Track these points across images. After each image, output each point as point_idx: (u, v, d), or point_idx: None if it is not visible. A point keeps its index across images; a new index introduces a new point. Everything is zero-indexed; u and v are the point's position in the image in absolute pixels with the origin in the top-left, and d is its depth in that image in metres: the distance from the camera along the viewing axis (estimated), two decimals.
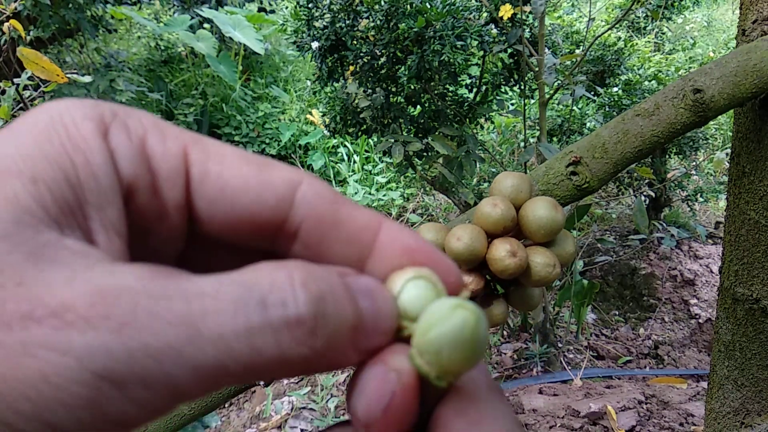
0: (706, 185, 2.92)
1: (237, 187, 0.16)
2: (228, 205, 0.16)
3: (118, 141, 0.15)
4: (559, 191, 0.53)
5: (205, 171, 0.16)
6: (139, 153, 0.15)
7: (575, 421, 1.59)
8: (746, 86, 0.56)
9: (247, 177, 0.16)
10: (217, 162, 0.16)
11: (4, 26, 1.21)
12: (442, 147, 1.84)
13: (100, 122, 0.15)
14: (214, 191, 0.16)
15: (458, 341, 0.14)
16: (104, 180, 0.15)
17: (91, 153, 0.15)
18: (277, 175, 0.16)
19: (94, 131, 0.15)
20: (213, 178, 0.16)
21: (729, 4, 6.13)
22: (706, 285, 2.73)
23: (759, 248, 0.72)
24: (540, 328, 2.21)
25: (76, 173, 0.14)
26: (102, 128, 0.15)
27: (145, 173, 0.16)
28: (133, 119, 0.16)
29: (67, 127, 0.15)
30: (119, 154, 0.15)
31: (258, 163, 0.16)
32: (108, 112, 0.16)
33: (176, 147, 0.16)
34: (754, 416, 0.79)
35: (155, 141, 0.16)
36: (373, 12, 1.71)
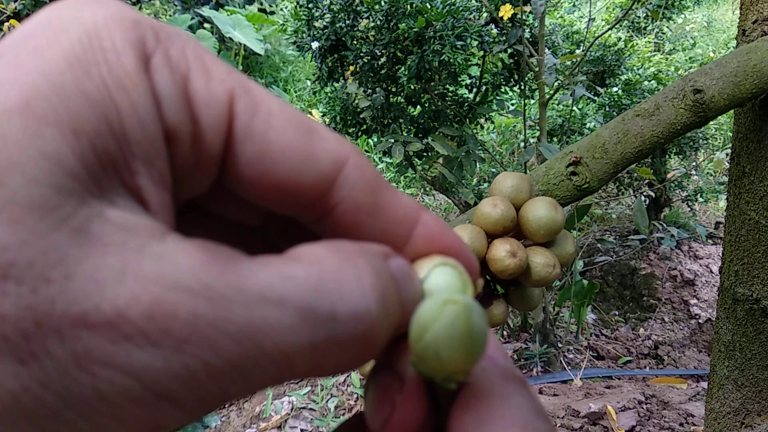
0: (706, 185, 2.92)
1: (279, 154, 0.14)
2: (266, 169, 0.14)
3: (161, 78, 0.13)
4: (559, 191, 0.53)
5: (249, 127, 0.14)
6: (182, 96, 0.13)
7: (575, 421, 1.59)
8: (746, 86, 0.56)
9: (292, 145, 0.14)
10: (264, 120, 0.14)
11: (5, 26, 1.21)
12: (442, 147, 1.84)
13: (143, 49, 0.13)
14: (255, 152, 0.14)
15: (454, 339, 0.14)
16: (151, 126, 0.12)
17: (137, 93, 0.12)
18: (323, 148, 0.14)
19: (137, 63, 0.12)
20: (256, 138, 0.14)
21: (729, 4, 6.13)
22: (706, 285, 2.73)
23: (759, 248, 0.72)
24: (540, 328, 2.21)
25: (120, 120, 0.12)
26: (144, 58, 0.13)
27: (187, 120, 0.13)
28: (175, 48, 0.13)
29: (106, 54, 0.12)
30: (162, 96, 0.13)
31: (306, 130, 0.14)
32: (150, 36, 0.13)
33: (222, 92, 0.14)
34: (754, 416, 0.79)
35: (199, 82, 0.13)
36: (373, 12, 1.71)
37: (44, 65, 0.12)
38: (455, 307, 0.14)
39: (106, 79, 0.12)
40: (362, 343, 0.13)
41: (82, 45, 0.12)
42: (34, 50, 0.12)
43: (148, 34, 0.13)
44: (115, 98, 0.12)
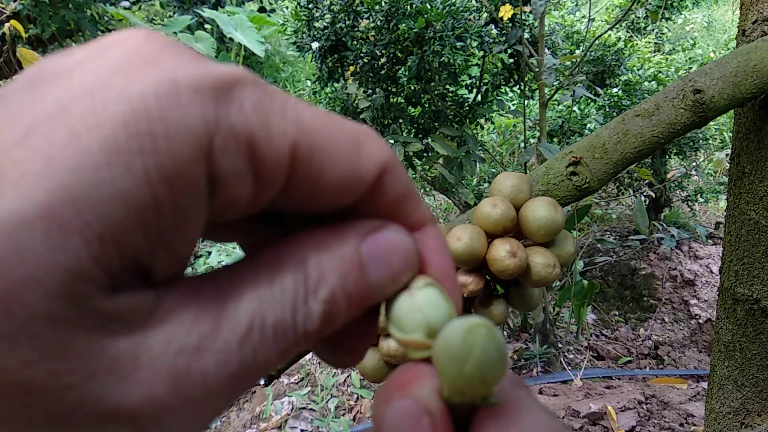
0: (706, 185, 2.92)
1: (330, 182, 0.15)
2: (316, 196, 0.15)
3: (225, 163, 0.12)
4: (559, 191, 0.53)
5: (307, 170, 0.14)
6: (248, 165, 0.13)
7: (575, 422, 1.59)
8: (746, 87, 0.56)
9: (344, 171, 0.15)
10: (319, 156, 0.14)
11: (5, 26, 1.21)
12: (442, 147, 1.84)
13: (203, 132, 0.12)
14: (309, 187, 0.14)
15: (493, 361, 0.14)
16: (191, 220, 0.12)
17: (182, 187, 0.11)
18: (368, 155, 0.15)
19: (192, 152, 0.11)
20: (312, 177, 0.14)
21: (729, 4, 6.13)
22: (706, 285, 2.73)
23: (759, 248, 0.72)
24: (540, 328, 2.21)
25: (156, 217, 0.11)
26: (204, 144, 0.12)
27: (249, 182, 0.13)
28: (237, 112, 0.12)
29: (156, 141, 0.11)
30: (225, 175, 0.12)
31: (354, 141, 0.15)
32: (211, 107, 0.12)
33: (284, 147, 0.13)
34: (754, 416, 0.79)
35: (264, 140, 0.13)
36: (374, 12, 1.71)
37: (78, 158, 0.10)
38: (485, 331, 0.14)
39: (150, 173, 0.11)
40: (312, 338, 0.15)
41: (126, 131, 0.11)
42: (68, 134, 0.10)
43: (209, 106, 0.12)
44: (156, 194, 0.11)
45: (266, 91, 0.14)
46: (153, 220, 0.11)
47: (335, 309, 0.15)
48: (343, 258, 0.15)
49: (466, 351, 0.14)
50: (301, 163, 0.14)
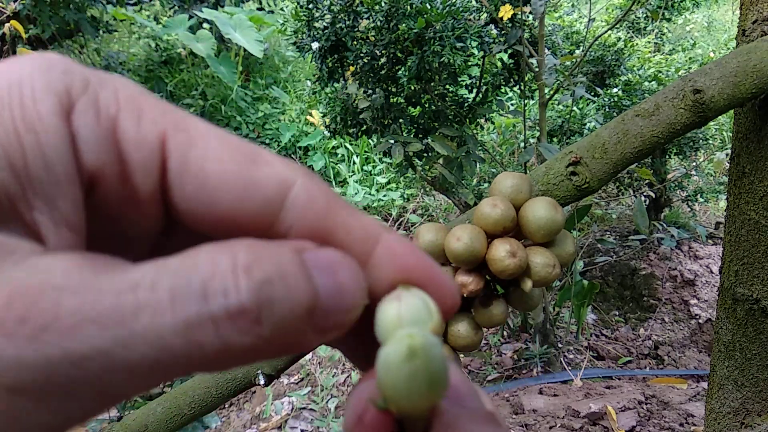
0: (706, 185, 2.92)
1: (219, 184, 0.14)
2: (208, 201, 0.14)
3: (82, 122, 0.13)
4: (559, 191, 0.53)
5: (184, 162, 0.14)
6: (106, 138, 0.13)
7: (575, 422, 1.59)
8: (746, 87, 0.56)
9: (232, 173, 0.14)
10: (200, 152, 0.14)
11: (5, 27, 1.21)
12: (442, 147, 1.84)
13: (65, 96, 0.13)
14: (194, 186, 0.14)
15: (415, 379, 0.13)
16: (57, 167, 0.13)
17: (46, 135, 0.13)
18: (267, 173, 0.14)
19: (55, 108, 0.13)
20: (193, 170, 0.14)
21: (729, 4, 6.13)
22: (706, 285, 2.73)
23: (759, 248, 0.72)
24: (540, 328, 2.21)
25: (24, 159, 0.12)
26: (66, 104, 0.13)
27: (113, 161, 0.13)
28: (106, 92, 0.14)
29: (23, 101, 0.13)
30: (82, 139, 0.13)
31: (247, 157, 0.14)
32: (78, 83, 0.13)
33: (153, 132, 0.14)
34: (754, 416, 0.79)
35: (129, 123, 0.14)
36: (374, 12, 1.71)
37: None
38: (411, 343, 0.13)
39: (16, 123, 0.12)
40: (237, 317, 0.12)
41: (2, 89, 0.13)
42: None
43: (76, 82, 0.13)
44: (23, 140, 0.12)
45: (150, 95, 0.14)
46: (21, 162, 0.12)
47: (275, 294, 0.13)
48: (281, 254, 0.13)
49: (391, 359, 0.14)
50: (174, 156, 0.14)
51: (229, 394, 0.63)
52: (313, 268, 0.14)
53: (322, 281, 0.13)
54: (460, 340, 0.39)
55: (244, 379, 0.62)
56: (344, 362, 2.33)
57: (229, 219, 0.14)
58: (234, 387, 0.63)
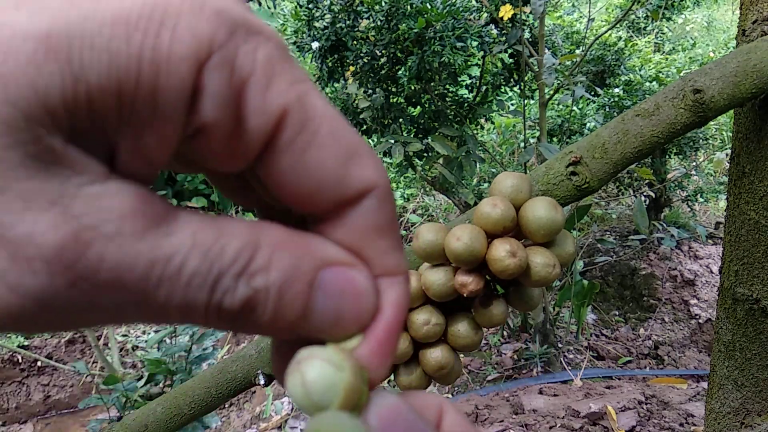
0: (706, 185, 2.92)
1: (312, 173, 0.14)
2: (296, 181, 0.15)
3: (211, 78, 0.13)
4: (559, 191, 0.53)
5: (291, 142, 0.14)
6: (231, 99, 0.13)
7: (575, 422, 1.59)
8: (746, 86, 0.56)
9: (327, 168, 0.14)
10: (308, 138, 0.14)
11: None
12: (442, 147, 1.84)
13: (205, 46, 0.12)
14: (290, 165, 0.14)
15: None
16: (166, 110, 0.13)
17: (168, 78, 0.12)
18: (358, 175, 0.15)
19: (188, 55, 0.12)
20: (296, 153, 0.14)
21: (729, 4, 6.13)
22: (706, 285, 2.73)
23: (759, 248, 0.72)
24: (540, 328, 2.21)
25: (135, 90, 0.12)
26: (201, 55, 0.12)
27: (228, 121, 0.13)
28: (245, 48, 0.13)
29: (160, 35, 0.12)
30: (207, 93, 0.13)
31: (347, 153, 0.15)
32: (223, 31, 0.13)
33: (276, 105, 0.14)
34: (754, 416, 0.79)
35: (257, 90, 0.13)
36: (374, 12, 1.71)
37: (90, 10, 0.12)
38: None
39: (144, 51, 0.12)
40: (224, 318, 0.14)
41: (139, 15, 0.12)
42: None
43: (222, 28, 0.13)
44: (142, 71, 0.12)
45: (287, 59, 0.14)
46: (129, 92, 0.12)
47: (259, 307, 0.14)
48: (297, 267, 0.14)
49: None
50: (287, 132, 0.14)
51: (229, 394, 0.63)
52: (321, 290, 0.15)
53: (322, 303, 0.15)
54: (460, 340, 0.39)
55: (244, 379, 0.62)
56: None
57: (307, 200, 0.15)
58: (234, 387, 0.63)
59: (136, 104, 0.12)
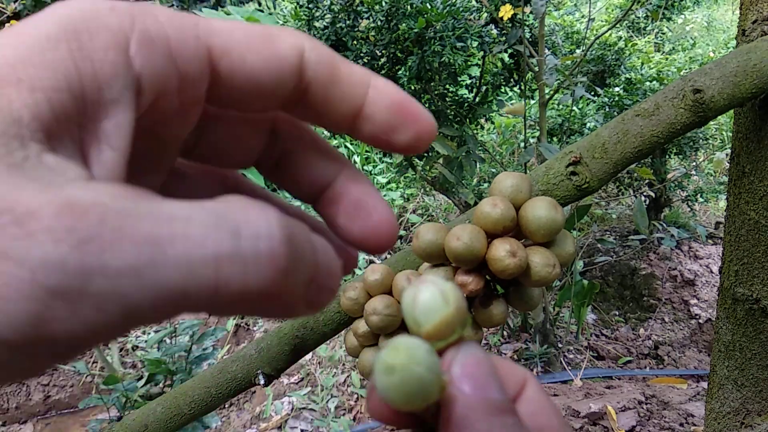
0: (706, 185, 2.92)
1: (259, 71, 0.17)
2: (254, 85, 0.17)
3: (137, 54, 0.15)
4: (559, 191, 0.53)
5: (231, 65, 0.16)
6: (166, 60, 0.15)
7: (575, 422, 1.59)
8: (746, 86, 0.56)
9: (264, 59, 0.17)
10: (238, 52, 0.16)
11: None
12: (442, 147, 1.84)
13: (120, 32, 0.15)
14: (242, 79, 0.16)
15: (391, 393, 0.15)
16: (112, 94, 0.14)
17: (102, 66, 0.14)
18: (282, 42, 0.17)
19: (110, 42, 0.14)
20: (238, 70, 0.16)
21: (729, 4, 6.13)
22: (706, 285, 2.73)
23: (759, 248, 0.72)
24: (540, 328, 2.21)
25: (80, 86, 0.14)
26: (121, 39, 0.15)
27: (172, 78, 0.15)
28: (151, 20, 0.15)
29: (80, 36, 0.14)
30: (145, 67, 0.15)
31: (267, 36, 0.17)
32: (126, 18, 0.15)
33: (201, 47, 0.16)
34: (754, 416, 0.79)
35: (178, 43, 0.16)
36: (374, 12, 1.71)
37: (18, 42, 0.14)
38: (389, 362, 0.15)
39: (73, 53, 0.14)
40: (266, 266, 0.13)
41: (60, 28, 0.14)
42: (14, 35, 0.14)
43: (123, 16, 0.15)
44: (79, 68, 0.14)
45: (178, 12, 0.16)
46: (79, 89, 0.14)
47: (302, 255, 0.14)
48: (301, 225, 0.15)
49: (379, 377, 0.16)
50: (221, 58, 0.16)
51: (229, 394, 0.63)
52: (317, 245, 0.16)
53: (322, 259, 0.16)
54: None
55: (244, 379, 0.62)
56: (344, 362, 2.33)
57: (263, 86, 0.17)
58: (234, 387, 0.63)
59: (86, 95, 0.14)
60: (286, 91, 0.17)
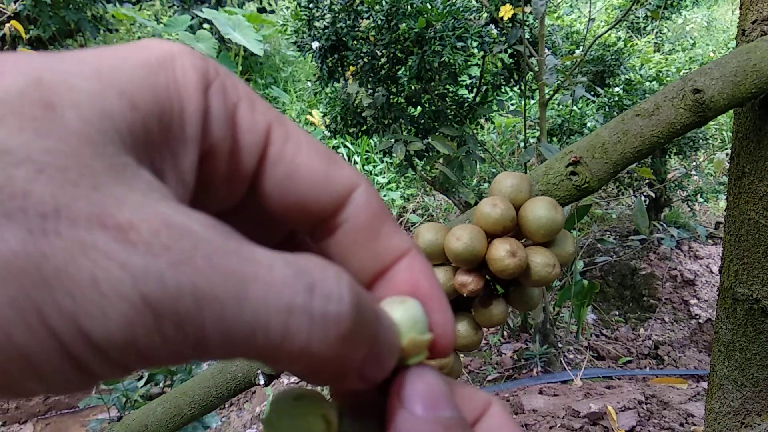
0: (706, 185, 2.92)
1: (304, 175, 0.17)
2: (292, 187, 0.17)
3: (215, 101, 0.16)
4: (559, 191, 0.53)
5: (281, 152, 0.17)
6: (229, 118, 0.16)
7: (575, 422, 1.59)
8: (746, 86, 0.56)
9: (315, 168, 0.17)
10: (293, 147, 0.17)
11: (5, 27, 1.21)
12: (442, 146, 1.84)
13: (205, 77, 0.16)
14: (284, 173, 0.17)
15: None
16: (190, 130, 0.15)
17: (189, 102, 0.15)
18: (340, 174, 0.17)
19: (198, 83, 0.15)
20: (286, 161, 0.17)
21: (729, 4, 6.13)
22: (706, 285, 2.73)
23: (759, 248, 0.72)
24: (540, 328, 2.21)
25: (170, 115, 0.15)
26: (204, 83, 0.16)
27: (229, 139, 0.16)
28: (231, 82, 0.16)
29: (175, 70, 0.15)
30: (212, 114, 0.16)
31: (327, 158, 0.17)
32: (212, 70, 0.16)
33: (262, 122, 0.16)
34: (754, 416, 0.79)
35: (245, 111, 0.16)
36: (374, 12, 1.71)
37: (126, 63, 0.15)
38: None
39: (170, 83, 0.15)
40: (331, 328, 0.14)
41: (157, 58, 0.15)
42: (121, 53, 0.15)
43: (211, 68, 0.16)
44: (172, 98, 0.15)
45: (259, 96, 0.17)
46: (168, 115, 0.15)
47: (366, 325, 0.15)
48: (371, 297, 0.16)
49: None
50: (275, 145, 0.16)
51: (229, 394, 0.63)
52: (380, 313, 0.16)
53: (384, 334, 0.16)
54: (460, 340, 0.39)
55: (244, 379, 0.62)
56: None
57: (304, 204, 0.17)
58: (234, 387, 0.63)
59: (172, 127, 0.15)
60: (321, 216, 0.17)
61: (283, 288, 0.13)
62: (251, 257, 0.13)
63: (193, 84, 0.15)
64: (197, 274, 0.12)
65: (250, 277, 0.13)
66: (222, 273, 0.12)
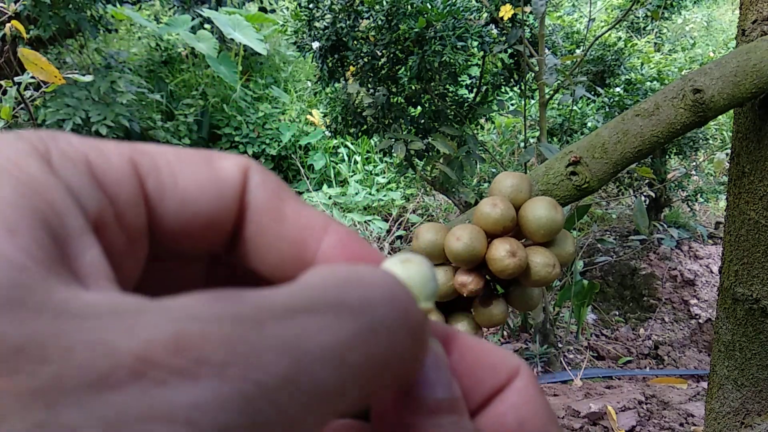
0: (706, 185, 2.92)
1: (194, 193, 0.14)
2: (189, 213, 0.14)
3: (66, 172, 0.13)
4: (559, 191, 0.53)
5: (160, 185, 0.14)
6: (90, 180, 0.13)
7: (575, 422, 1.59)
8: (746, 86, 0.56)
9: (201, 180, 0.14)
10: (168, 171, 0.14)
11: (6, 27, 1.21)
12: (443, 146, 1.84)
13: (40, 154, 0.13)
14: (175, 205, 0.14)
15: None
16: (72, 219, 0.12)
17: (49, 192, 0.12)
18: (225, 164, 0.15)
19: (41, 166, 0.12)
20: (170, 191, 0.14)
21: (729, 4, 6.13)
22: (706, 285, 2.73)
23: (759, 248, 0.72)
24: (540, 328, 2.21)
25: (44, 216, 0.12)
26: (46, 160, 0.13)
27: (106, 202, 0.13)
28: (63, 141, 0.13)
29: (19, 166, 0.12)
30: (74, 186, 0.13)
31: (205, 157, 0.15)
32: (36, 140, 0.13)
33: (123, 162, 0.14)
34: (754, 416, 0.79)
35: (99, 160, 0.13)
36: (374, 12, 1.71)
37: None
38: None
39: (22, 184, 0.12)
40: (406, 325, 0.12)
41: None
42: None
43: (34, 140, 0.13)
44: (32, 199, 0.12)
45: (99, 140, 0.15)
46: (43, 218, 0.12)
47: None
48: None
49: None
50: (150, 175, 0.14)
51: None
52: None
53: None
54: None
55: None
56: None
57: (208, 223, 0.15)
58: None
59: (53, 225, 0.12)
60: (229, 220, 0.15)
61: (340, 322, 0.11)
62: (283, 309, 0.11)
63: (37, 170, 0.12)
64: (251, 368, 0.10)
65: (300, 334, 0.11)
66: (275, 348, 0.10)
